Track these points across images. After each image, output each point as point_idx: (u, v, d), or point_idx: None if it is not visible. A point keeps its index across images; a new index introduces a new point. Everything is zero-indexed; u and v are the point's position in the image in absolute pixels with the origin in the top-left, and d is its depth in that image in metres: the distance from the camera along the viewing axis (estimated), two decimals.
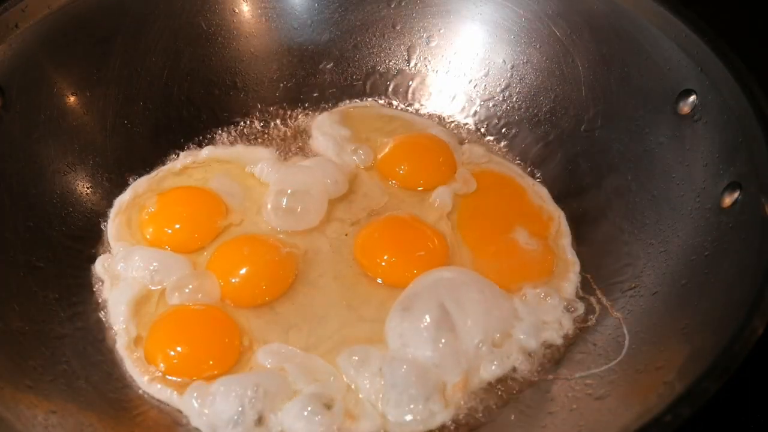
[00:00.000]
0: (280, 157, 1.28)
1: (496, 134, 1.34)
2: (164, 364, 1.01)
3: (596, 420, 0.92)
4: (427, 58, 1.39)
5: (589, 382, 0.98)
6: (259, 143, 1.32)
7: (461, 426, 0.98)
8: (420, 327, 1.01)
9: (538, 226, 1.19)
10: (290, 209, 1.17)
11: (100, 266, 1.13)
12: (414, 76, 1.40)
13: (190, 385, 0.98)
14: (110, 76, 1.23)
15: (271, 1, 1.36)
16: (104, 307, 1.09)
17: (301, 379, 0.98)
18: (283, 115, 1.36)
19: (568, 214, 1.22)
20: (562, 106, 1.28)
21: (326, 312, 1.08)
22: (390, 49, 1.39)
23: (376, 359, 1.00)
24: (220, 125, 1.33)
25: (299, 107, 1.38)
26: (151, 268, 1.09)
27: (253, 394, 0.95)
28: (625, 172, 1.17)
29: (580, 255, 1.17)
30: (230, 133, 1.33)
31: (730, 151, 1.01)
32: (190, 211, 1.18)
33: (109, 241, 1.16)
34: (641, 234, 1.11)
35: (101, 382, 1.00)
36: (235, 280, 1.09)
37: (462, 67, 1.37)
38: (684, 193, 1.07)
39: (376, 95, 1.40)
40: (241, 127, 1.34)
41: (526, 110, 1.32)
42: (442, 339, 1.00)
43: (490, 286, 1.07)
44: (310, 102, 1.38)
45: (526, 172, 1.29)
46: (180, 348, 1.01)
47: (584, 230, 1.20)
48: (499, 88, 1.34)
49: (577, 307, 1.10)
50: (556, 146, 1.28)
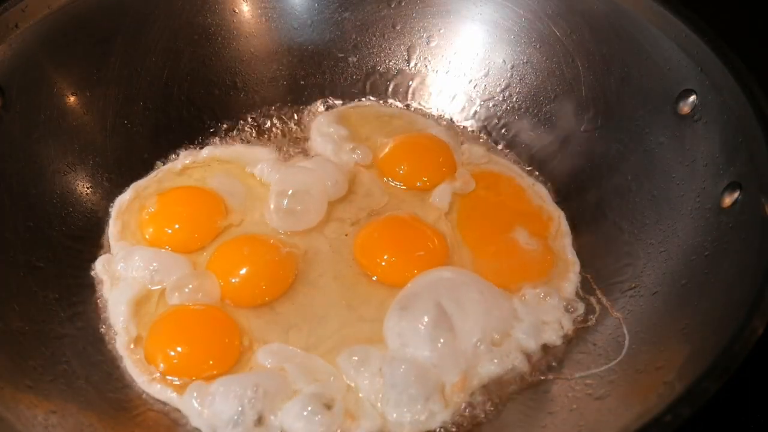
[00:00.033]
0: (279, 157, 1.28)
1: (496, 134, 1.34)
2: (164, 364, 1.01)
3: (596, 420, 0.92)
4: (427, 58, 1.39)
5: (589, 382, 0.98)
6: (259, 143, 1.32)
7: (461, 426, 0.97)
8: (418, 326, 1.01)
9: (538, 226, 1.19)
10: (290, 209, 1.17)
11: (100, 266, 1.13)
12: (414, 76, 1.40)
13: (190, 385, 0.98)
14: (110, 76, 1.23)
15: (271, 1, 1.36)
16: (104, 307, 1.09)
17: (301, 379, 0.98)
18: (283, 115, 1.36)
19: (568, 214, 1.22)
20: (562, 106, 1.28)
21: (326, 312, 1.08)
22: (390, 49, 1.39)
23: (376, 359, 1.00)
24: (220, 125, 1.33)
25: (299, 107, 1.37)
26: (151, 268, 1.09)
27: (253, 395, 0.95)
28: (625, 172, 1.17)
29: (580, 255, 1.17)
30: (230, 133, 1.32)
31: (730, 151, 1.01)
32: (190, 211, 1.18)
33: (109, 241, 1.16)
34: (641, 234, 1.11)
35: (101, 382, 1.00)
36: (235, 280, 1.09)
37: (462, 67, 1.37)
38: (684, 193, 1.07)
39: (376, 95, 1.40)
40: (242, 127, 1.33)
41: (526, 110, 1.32)
42: (441, 339, 1.00)
43: (490, 286, 1.07)
44: (310, 102, 1.38)
45: (525, 172, 1.29)
46: (180, 348, 1.01)
47: (584, 230, 1.20)
48: (499, 88, 1.34)
49: (577, 307, 1.10)
50: (555, 146, 1.28)
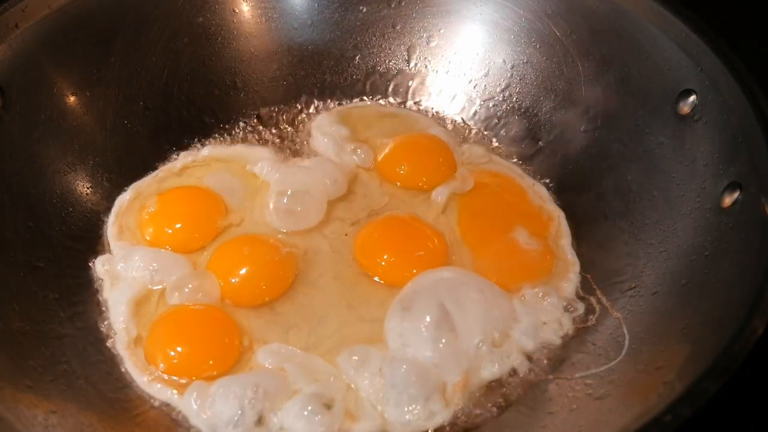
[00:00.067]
0: (279, 157, 1.28)
1: (496, 134, 1.34)
2: (164, 364, 1.01)
3: (596, 420, 0.92)
4: (427, 58, 1.39)
5: (589, 382, 0.98)
6: (259, 143, 1.31)
7: (461, 426, 0.98)
8: (420, 327, 1.01)
9: (538, 226, 1.19)
10: (290, 209, 1.17)
11: (100, 266, 1.13)
12: (414, 76, 1.40)
13: (190, 386, 0.98)
14: (110, 76, 1.23)
15: (271, 1, 1.36)
16: (104, 307, 1.09)
17: (301, 379, 0.98)
18: (283, 115, 1.36)
19: (568, 214, 1.22)
20: (562, 106, 1.28)
21: (326, 312, 1.08)
22: (390, 49, 1.39)
23: (376, 359, 1.00)
24: (220, 125, 1.33)
25: (299, 107, 1.37)
26: (151, 268, 1.09)
27: (253, 395, 0.95)
28: (625, 172, 1.17)
29: (580, 255, 1.17)
30: (230, 133, 1.33)
31: (730, 151, 1.01)
32: (190, 211, 1.18)
33: (109, 241, 1.16)
34: (641, 234, 1.11)
35: (101, 382, 1.00)
36: (235, 280, 1.09)
37: (462, 67, 1.37)
38: (684, 193, 1.07)
39: (376, 95, 1.40)
40: (242, 127, 1.33)
41: (526, 110, 1.32)
42: (442, 339, 1.00)
43: (490, 286, 1.07)
44: (310, 102, 1.38)
45: (526, 172, 1.29)
46: (180, 348, 1.01)
47: (584, 230, 1.20)
48: (499, 88, 1.34)
49: (577, 307, 1.10)
50: (556, 146, 1.28)
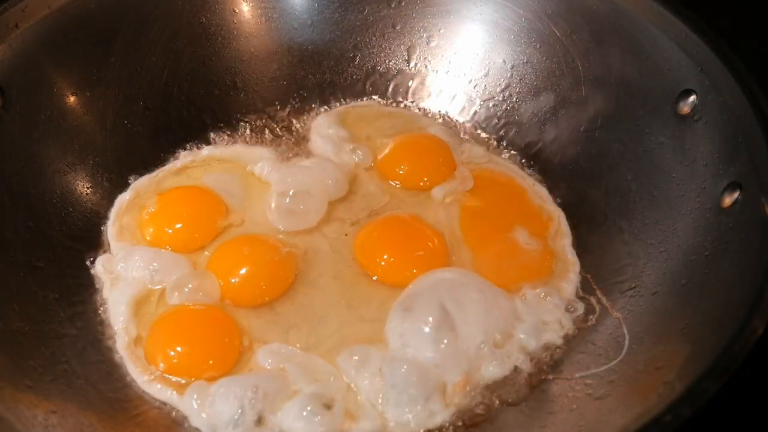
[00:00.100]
0: (280, 157, 1.28)
1: (496, 134, 1.34)
2: (164, 364, 1.01)
3: (596, 420, 0.92)
4: (427, 58, 1.39)
5: (589, 382, 0.98)
6: (259, 143, 1.32)
7: (461, 426, 0.97)
8: (421, 327, 1.01)
9: (538, 226, 1.19)
10: (291, 209, 1.17)
11: (100, 266, 1.13)
12: (414, 76, 1.40)
13: (190, 386, 0.98)
14: (110, 76, 1.23)
15: (271, 1, 1.36)
16: (104, 307, 1.09)
17: (301, 379, 0.98)
18: (283, 115, 1.36)
19: (568, 214, 1.22)
20: (562, 106, 1.28)
21: (326, 312, 1.08)
22: (390, 49, 1.39)
23: (376, 359, 1.00)
24: (220, 125, 1.33)
25: (299, 107, 1.37)
26: (151, 268, 1.09)
27: (253, 395, 0.95)
28: (625, 172, 1.17)
29: (580, 255, 1.17)
30: (230, 133, 1.33)
31: (730, 151, 1.01)
32: (190, 211, 1.18)
33: (109, 241, 1.16)
34: (641, 234, 1.11)
35: (101, 382, 1.00)
36: (235, 280, 1.09)
37: (462, 67, 1.37)
38: (684, 193, 1.07)
39: (376, 95, 1.40)
40: (241, 127, 1.33)
41: (526, 110, 1.32)
42: (444, 339, 1.00)
43: (491, 287, 1.07)
44: (310, 102, 1.38)
45: (526, 172, 1.29)
46: (180, 348, 1.01)
47: (584, 230, 1.20)
48: (499, 88, 1.34)
49: (577, 307, 1.10)
50: (556, 146, 1.28)
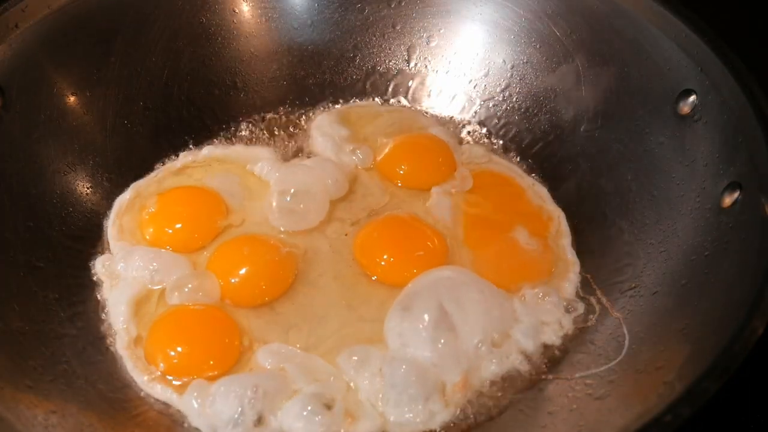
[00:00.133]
0: (280, 156, 1.28)
1: (496, 134, 1.34)
2: (164, 364, 1.01)
3: (596, 420, 0.92)
4: (427, 58, 1.39)
5: (589, 382, 0.98)
6: (259, 143, 1.31)
7: (461, 426, 0.97)
8: (419, 327, 1.01)
9: (538, 226, 1.19)
10: (291, 209, 1.17)
11: (100, 266, 1.13)
12: (414, 76, 1.40)
13: (190, 385, 0.98)
14: (110, 76, 1.23)
15: (271, 1, 1.36)
16: (104, 307, 1.09)
17: (301, 379, 0.98)
18: (283, 115, 1.36)
19: (568, 214, 1.22)
20: (562, 106, 1.28)
21: (326, 312, 1.08)
22: (390, 49, 1.39)
23: (376, 359, 1.00)
24: (220, 125, 1.33)
25: (299, 107, 1.37)
26: (151, 268, 1.09)
27: (253, 395, 0.95)
28: (625, 172, 1.17)
29: (580, 255, 1.17)
30: (230, 133, 1.32)
31: (730, 151, 1.01)
32: (190, 211, 1.18)
33: (109, 241, 1.16)
34: (641, 234, 1.11)
35: (101, 382, 1.00)
36: (235, 280, 1.09)
37: (462, 67, 1.37)
38: (684, 193, 1.07)
39: (376, 95, 1.40)
40: (242, 127, 1.33)
41: (526, 110, 1.32)
42: (442, 339, 1.00)
43: (490, 286, 1.07)
44: (310, 102, 1.38)
45: (525, 172, 1.28)
46: (180, 348, 1.01)
47: (584, 230, 1.20)
48: (499, 88, 1.34)
49: (577, 307, 1.10)
50: (556, 146, 1.28)
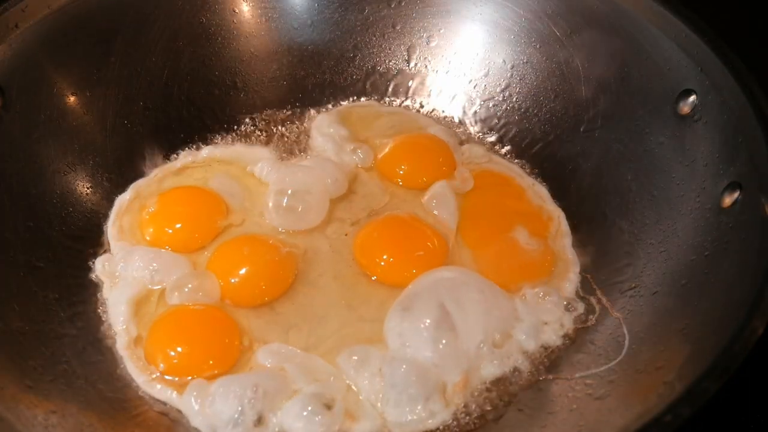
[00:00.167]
0: (279, 157, 1.28)
1: (496, 134, 1.34)
2: (164, 364, 1.01)
3: (596, 420, 0.92)
4: (427, 58, 1.39)
5: (589, 382, 0.98)
6: (259, 143, 1.32)
7: (461, 426, 0.97)
8: (420, 327, 1.01)
9: (538, 226, 1.19)
10: (291, 209, 1.17)
11: (100, 266, 1.13)
12: (414, 76, 1.40)
13: (190, 385, 0.98)
14: (110, 76, 1.23)
15: (271, 1, 1.36)
16: (104, 307, 1.09)
17: (301, 379, 0.98)
18: (283, 115, 1.36)
19: (568, 214, 1.22)
20: (562, 106, 1.28)
21: (326, 312, 1.08)
22: (390, 49, 1.39)
23: (376, 359, 1.00)
24: (220, 125, 1.33)
25: (299, 107, 1.37)
26: (151, 268, 1.09)
27: (253, 395, 0.95)
28: (625, 172, 1.17)
29: (580, 255, 1.17)
30: (230, 133, 1.33)
31: (730, 151, 1.01)
32: (190, 211, 1.18)
33: (109, 241, 1.16)
34: (641, 234, 1.11)
35: (101, 382, 1.00)
36: (234, 280, 1.09)
37: (462, 67, 1.37)
38: (684, 193, 1.07)
39: (376, 95, 1.40)
40: (241, 127, 1.33)
41: (526, 110, 1.32)
42: (443, 339, 1.00)
43: (490, 286, 1.07)
44: (310, 102, 1.38)
45: (525, 172, 1.28)
46: (180, 348, 1.01)
47: (584, 230, 1.20)
48: (499, 88, 1.34)
49: (577, 307, 1.10)
50: (556, 146, 1.28)
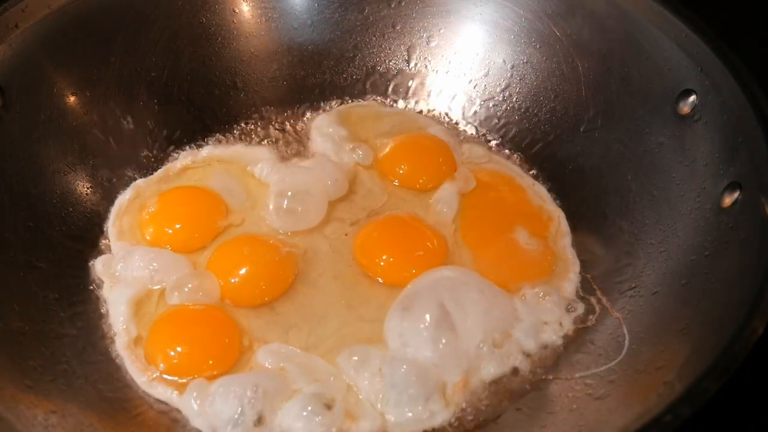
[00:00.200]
0: (279, 157, 1.28)
1: (496, 134, 1.34)
2: (164, 364, 1.01)
3: (596, 420, 0.92)
4: (427, 58, 1.39)
5: (589, 382, 0.98)
6: (259, 143, 1.32)
7: (461, 426, 0.98)
8: (420, 327, 1.01)
9: (538, 226, 1.19)
10: (291, 209, 1.17)
11: (100, 266, 1.13)
12: (414, 76, 1.40)
13: (190, 385, 0.98)
14: (110, 76, 1.23)
15: (271, 1, 1.36)
16: (104, 307, 1.09)
17: (301, 379, 0.98)
18: (283, 115, 1.36)
19: (568, 214, 1.22)
20: (562, 106, 1.28)
21: (326, 312, 1.08)
22: (390, 49, 1.39)
23: (376, 359, 1.00)
24: (220, 125, 1.33)
25: (299, 107, 1.37)
26: (151, 268, 1.09)
27: (253, 394, 0.95)
28: (625, 172, 1.17)
29: (580, 255, 1.17)
30: (230, 133, 1.33)
31: (730, 151, 1.01)
32: (190, 211, 1.18)
33: (109, 241, 1.16)
34: (641, 234, 1.11)
35: (101, 382, 1.00)
36: (234, 280, 1.09)
37: (462, 67, 1.37)
38: (684, 193, 1.07)
39: (376, 95, 1.40)
40: (241, 127, 1.33)
41: (526, 110, 1.32)
42: (443, 339, 1.00)
43: (490, 286, 1.07)
44: (310, 102, 1.38)
45: (525, 172, 1.28)
46: (180, 348, 1.02)
47: (584, 230, 1.20)
48: (499, 88, 1.34)
49: (577, 307, 1.10)
50: (556, 146, 1.28)
